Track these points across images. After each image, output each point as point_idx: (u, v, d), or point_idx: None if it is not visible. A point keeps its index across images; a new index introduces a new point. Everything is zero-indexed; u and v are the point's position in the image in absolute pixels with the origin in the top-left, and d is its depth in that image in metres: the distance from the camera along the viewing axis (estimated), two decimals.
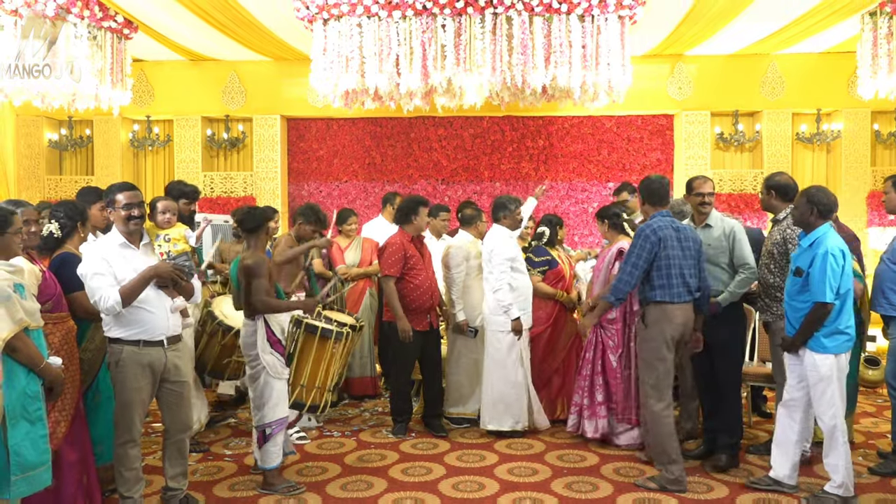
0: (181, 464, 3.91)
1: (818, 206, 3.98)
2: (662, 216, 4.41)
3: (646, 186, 4.53)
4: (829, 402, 3.95)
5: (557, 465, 4.71)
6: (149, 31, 7.85)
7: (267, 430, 4.22)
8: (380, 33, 6.33)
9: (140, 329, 3.61)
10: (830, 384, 3.94)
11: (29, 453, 2.96)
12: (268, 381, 4.22)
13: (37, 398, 3.06)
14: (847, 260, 3.95)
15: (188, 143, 9.53)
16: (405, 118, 9.43)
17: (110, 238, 3.69)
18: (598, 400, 5.03)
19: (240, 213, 4.52)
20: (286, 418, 4.35)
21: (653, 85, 9.08)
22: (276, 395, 4.25)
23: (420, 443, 5.19)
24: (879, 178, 8.92)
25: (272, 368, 4.23)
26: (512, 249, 5.26)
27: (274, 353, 4.26)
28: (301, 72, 7.95)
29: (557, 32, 6.26)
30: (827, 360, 3.94)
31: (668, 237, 4.29)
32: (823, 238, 3.95)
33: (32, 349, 3.04)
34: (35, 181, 9.41)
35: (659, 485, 4.26)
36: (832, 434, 3.95)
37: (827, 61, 8.97)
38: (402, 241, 5.32)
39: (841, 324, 3.94)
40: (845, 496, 3.92)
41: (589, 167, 9.70)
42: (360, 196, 9.81)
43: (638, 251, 4.29)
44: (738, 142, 9.40)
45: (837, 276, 3.89)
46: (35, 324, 3.08)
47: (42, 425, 3.07)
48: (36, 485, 3.02)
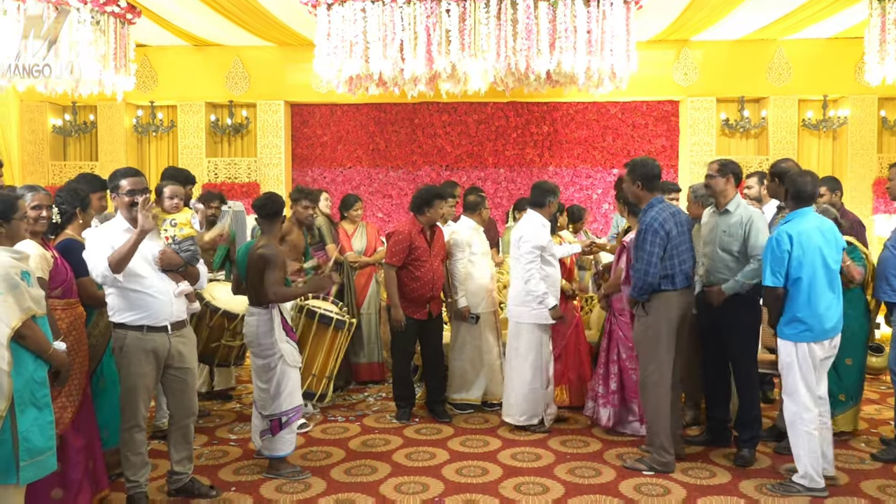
0: (186, 448, 3.94)
1: (789, 191, 4.08)
2: (660, 202, 4.33)
3: (642, 171, 4.36)
4: (789, 390, 3.98)
5: (561, 450, 4.73)
6: (152, 16, 7.82)
7: (283, 418, 4.21)
8: (384, 18, 6.29)
9: (144, 314, 3.62)
10: (791, 371, 3.95)
11: (37, 439, 2.99)
12: (284, 371, 4.22)
13: (44, 384, 3.09)
14: (807, 246, 3.89)
15: (192, 129, 9.53)
16: (409, 104, 9.40)
17: (114, 224, 3.70)
18: (611, 388, 5.01)
19: (260, 199, 4.48)
20: (301, 406, 4.37)
21: (658, 71, 9.03)
22: (293, 383, 4.26)
23: (424, 428, 5.22)
24: (885, 165, 8.86)
25: (290, 356, 4.23)
26: (544, 238, 5.01)
27: (289, 341, 4.27)
28: (305, 57, 7.91)
29: (562, 18, 6.21)
30: (787, 347, 3.97)
31: (671, 229, 4.24)
32: (784, 221, 4.05)
33: (40, 336, 3.06)
34: (39, 167, 9.42)
35: (647, 465, 4.31)
36: (792, 423, 3.97)
37: (834, 47, 8.90)
38: (410, 231, 5.30)
39: (797, 311, 3.92)
40: (810, 486, 3.91)
41: (594, 153, 9.67)
42: (363, 182, 9.80)
43: (650, 248, 4.20)
44: (743, 128, 9.36)
45: (780, 261, 3.90)
46: (41, 311, 3.09)
47: (49, 411, 3.09)
48: (43, 470, 3.05)
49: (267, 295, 4.16)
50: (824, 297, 3.94)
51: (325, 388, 4.73)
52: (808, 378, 3.94)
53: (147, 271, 3.62)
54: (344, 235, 6.29)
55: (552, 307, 4.93)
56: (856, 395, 4.80)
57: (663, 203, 4.34)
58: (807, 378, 3.94)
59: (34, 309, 3.02)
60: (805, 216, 4.00)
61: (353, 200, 6.49)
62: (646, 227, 4.25)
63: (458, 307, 5.48)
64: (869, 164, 9.06)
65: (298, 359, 4.33)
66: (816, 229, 3.97)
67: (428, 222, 5.36)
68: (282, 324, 4.24)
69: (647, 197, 4.36)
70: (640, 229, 4.32)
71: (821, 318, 3.92)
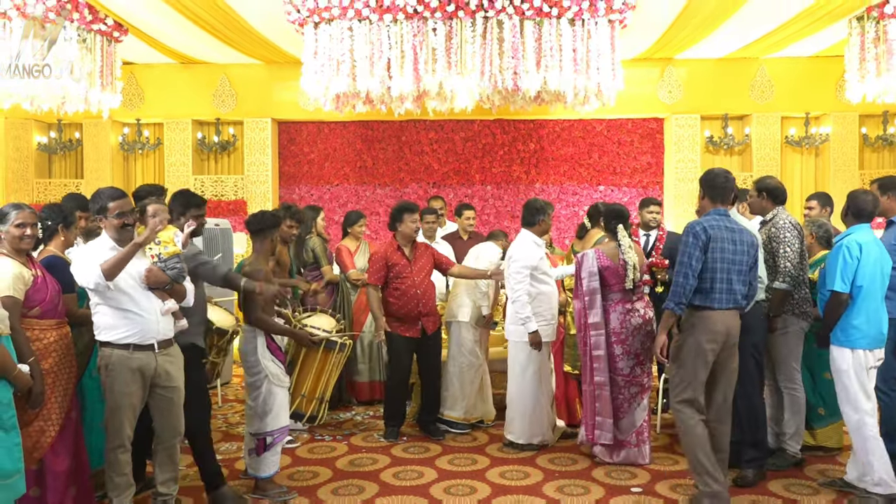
0: (172, 469, 3.87)
1: (850, 208, 4.18)
2: (719, 214, 3.99)
3: (708, 180, 4.08)
4: (850, 398, 3.97)
5: (549, 468, 4.71)
6: (139, 34, 7.83)
7: (268, 438, 4.18)
8: (371, 37, 6.34)
9: (131, 332, 3.58)
10: (848, 378, 3.97)
11: (5, 461, 2.92)
12: (270, 390, 4.19)
13: (10, 406, 3.01)
14: (870, 257, 3.99)
15: (178, 147, 9.52)
16: (396, 121, 9.45)
17: (100, 242, 3.66)
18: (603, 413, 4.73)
19: (250, 216, 4.49)
20: (287, 427, 4.33)
21: (643, 89, 9.14)
22: (279, 403, 4.22)
23: (412, 446, 5.19)
24: (867, 181, 8.98)
25: (274, 377, 4.20)
26: (534, 257, 4.96)
27: (275, 361, 4.24)
28: (292, 75, 7.95)
29: (548, 36, 6.28)
30: (843, 354, 3.99)
31: (719, 237, 3.87)
32: (847, 233, 4.11)
33: (6, 357, 2.99)
34: (24, 184, 9.37)
35: (698, 501, 3.94)
36: (857, 430, 3.96)
37: (815, 65, 9.05)
38: (385, 249, 5.34)
39: (854, 318, 3.98)
40: (886, 494, 3.87)
41: (580, 170, 9.74)
42: (351, 199, 9.81)
43: (689, 251, 3.85)
44: (727, 145, 9.46)
45: (850, 267, 3.95)
46: (6, 331, 3.03)
47: (16, 433, 3.02)
48: (11, 493, 2.98)
49: (250, 319, 4.18)
50: (879, 307, 4.05)
51: (315, 410, 4.65)
52: (865, 384, 3.98)
53: (134, 289, 3.59)
54: (347, 253, 6.22)
55: (532, 332, 4.87)
56: (837, 410, 4.80)
57: (724, 216, 4.00)
58: (864, 384, 3.97)
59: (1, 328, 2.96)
60: (864, 231, 4.11)
61: (355, 217, 6.39)
62: (688, 230, 3.93)
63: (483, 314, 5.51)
64: (851, 181, 9.17)
65: (285, 380, 4.29)
66: (874, 243, 4.09)
67: (403, 238, 5.36)
68: (266, 343, 4.22)
69: (708, 207, 4.08)
70: (684, 233, 4.01)
71: (876, 326, 4.01)
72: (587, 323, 4.75)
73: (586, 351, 4.78)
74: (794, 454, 4.55)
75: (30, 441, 3.40)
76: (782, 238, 4.43)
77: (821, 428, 4.79)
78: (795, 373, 4.57)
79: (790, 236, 4.44)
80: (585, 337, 4.77)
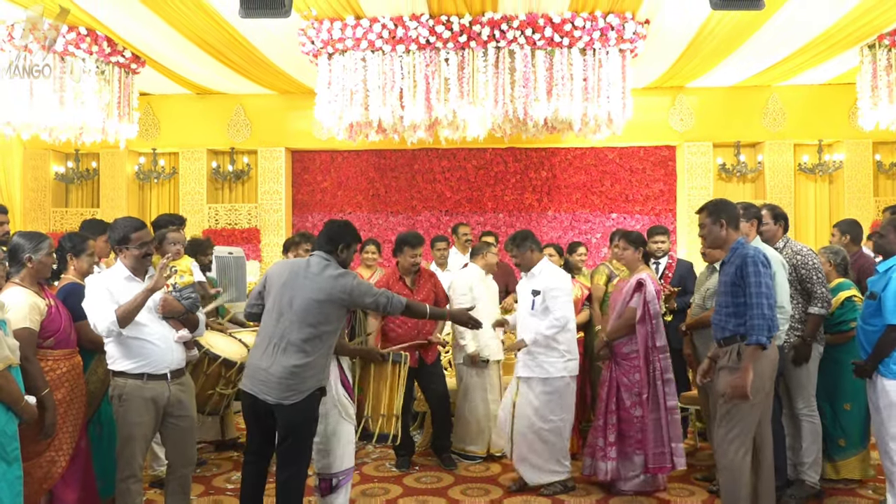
0: (183, 499, 3.85)
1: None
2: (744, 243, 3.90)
3: (728, 210, 3.99)
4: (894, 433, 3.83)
5: (562, 498, 4.65)
6: (156, 66, 7.96)
7: (334, 480, 3.98)
8: (384, 67, 6.42)
9: (144, 362, 3.58)
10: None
11: (5, 495, 2.88)
12: (338, 422, 3.98)
13: (14, 438, 3.00)
14: None
15: (193, 176, 9.62)
16: (409, 150, 9.51)
17: (115, 271, 3.68)
18: (609, 440, 4.69)
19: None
20: (353, 468, 4.12)
21: (654, 117, 9.15)
22: (345, 440, 4.02)
23: (424, 476, 5.14)
24: (881, 208, 8.91)
25: (344, 409, 4.01)
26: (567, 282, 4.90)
27: (346, 396, 4.05)
28: (306, 105, 8.04)
29: (559, 66, 6.34)
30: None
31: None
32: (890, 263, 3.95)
33: (14, 387, 2.99)
34: (41, 213, 9.48)
35: None
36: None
37: (827, 92, 9.05)
38: (388, 279, 5.36)
39: None
40: None
41: (592, 198, 9.74)
42: (363, 227, 9.84)
43: (764, 280, 3.67)
44: (740, 172, 9.45)
45: None
46: (17, 362, 3.04)
47: (18, 466, 3.00)
48: None
49: None
50: None
51: (395, 429, 4.30)
52: None
53: (148, 319, 3.60)
54: None
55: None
56: (858, 441, 4.71)
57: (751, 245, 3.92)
58: None
59: (11, 358, 2.95)
60: None
61: (366, 244, 6.36)
62: (751, 259, 3.72)
63: (468, 352, 5.41)
64: (866, 207, 9.12)
65: (353, 414, 4.08)
66: None
67: (404, 270, 5.36)
68: (340, 378, 4.02)
69: (733, 237, 3.97)
70: (741, 263, 3.76)
71: None
72: (655, 346, 4.65)
73: (650, 376, 4.64)
74: (813, 485, 4.46)
75: (41, 471, 3.40)
76: (812, 265, 4.41)
77: (843, 460, 4.67)
78: (813, 399, 4.51)
79: (818, 262, 4.46)
80: (648, 361, 4.64)
